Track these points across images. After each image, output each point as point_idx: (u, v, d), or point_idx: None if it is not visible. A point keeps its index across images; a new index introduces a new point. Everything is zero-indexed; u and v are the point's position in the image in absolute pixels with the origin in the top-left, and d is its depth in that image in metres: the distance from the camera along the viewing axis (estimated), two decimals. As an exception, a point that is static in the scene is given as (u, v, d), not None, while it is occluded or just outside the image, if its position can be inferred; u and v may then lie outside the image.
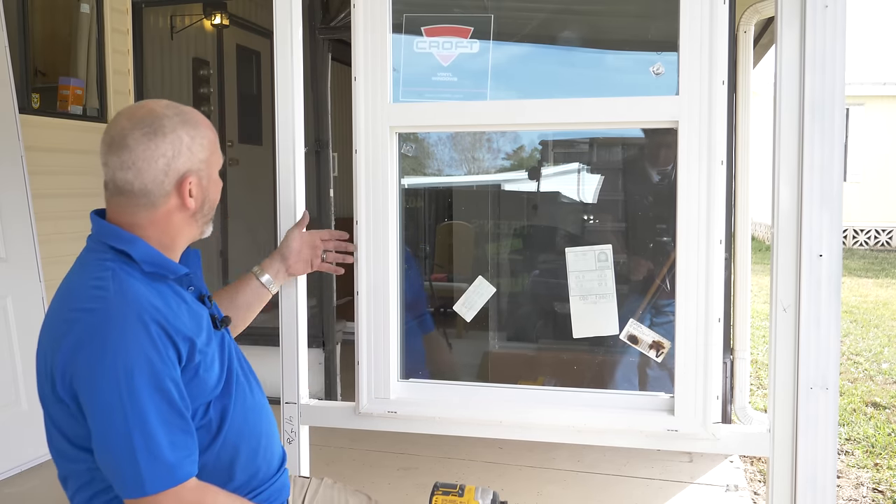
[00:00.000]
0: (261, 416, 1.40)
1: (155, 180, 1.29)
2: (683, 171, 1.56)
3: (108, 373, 1.16)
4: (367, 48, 1.69)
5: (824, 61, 1.47)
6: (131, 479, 1.16)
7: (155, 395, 1.18)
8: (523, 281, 2.81)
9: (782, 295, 1.54)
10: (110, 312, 1.19)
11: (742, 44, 3.79)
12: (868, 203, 13.54)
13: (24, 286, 3.32)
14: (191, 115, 1.34)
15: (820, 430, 1.51)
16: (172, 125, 1.30)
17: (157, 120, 1.29)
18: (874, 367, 5.35)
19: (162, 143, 1.28)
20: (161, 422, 1.18)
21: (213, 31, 6.06)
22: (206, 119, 1.38)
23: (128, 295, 1.21)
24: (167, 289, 1.30)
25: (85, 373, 1.18)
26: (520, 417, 1.68)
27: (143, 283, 1.26)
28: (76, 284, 1.26)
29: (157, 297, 1.25)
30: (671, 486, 3.01)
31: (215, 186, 1.38)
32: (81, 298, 1.22)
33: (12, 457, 3.15)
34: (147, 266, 1.27)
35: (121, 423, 1.16)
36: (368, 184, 1.71)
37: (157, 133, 1.28)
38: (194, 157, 1.32)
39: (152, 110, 1.30)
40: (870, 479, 3.40)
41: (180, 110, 1.34)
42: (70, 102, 4.02)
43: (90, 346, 1.18)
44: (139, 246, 1.29)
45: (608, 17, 2.13)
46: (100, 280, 1.23)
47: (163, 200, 1.30)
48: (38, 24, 4.13)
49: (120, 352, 1.17)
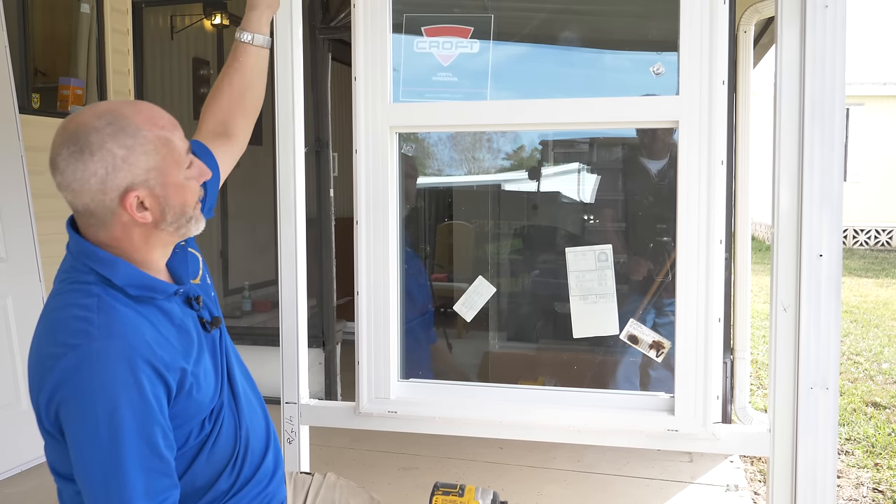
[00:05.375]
0: (253, 419, 1.39)
1: (94, 200, 1.18)
2: (683, 170, 1.56)
3: (90, 416, 1.11)
4: (367, 48, 1.69)
5: (824, 61, 1.47)
6: None
7: (138, 441, 1.13)
8: (523, 281, 2.81)
9: (782, 295, 1.54)
10: (95, 351, 1.13)
11: (742, 44, 3.79)
12: (868, 203, 13.53)
13: (24, 286, 3.32)
14: (129, 119, 1.18)
15: (820, 430, 1.51)
16: (101, 139, 1.16)
17: (85, 136, 1.16)
18: (874, 367, 5.35)
19: (90, 161, 1.15)
20: (141, 468, 1.14)
21: (213, 31, 6.06)
22: (156, 117, 1.22)
23: (113, 330, 1.15)
24: (154, 310, 1.24)
25: (68, 413, 1.13)
26: (520, 417, 1.68)
27: (130, 307, 1.20)
28: (60, 314, 1.19)
29: (145, 325, 1.20)
30: (671, 486, 3.01)
31: (177, 190, 1.22)
32: (66, 332, 1.16)
33: (12, 457, 3.15)
34: (132, 290, 1.21)
35: (99, 468, 1.12)
36: (368, 184, 1.71)
37: (84, 151, 1.15)
38: (135, 167, 1.17)
39: (82, 123, 1.17)
40: (870, 479, 3.40)
41: (115, 117, 1.18)
42: (70, 102, 4.02)
43: (74, 386, 1.13)
44: (120, 270, 1.21)
45: (608, 17, 2.13)
46: (85, 310, 1.16)
47: (112, 219, 1.20)
48: (38, 24, 4.13)
49: (104, 395, 1.12)
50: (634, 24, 2.00)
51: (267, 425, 1.43)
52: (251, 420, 1.38)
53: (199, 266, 1.43)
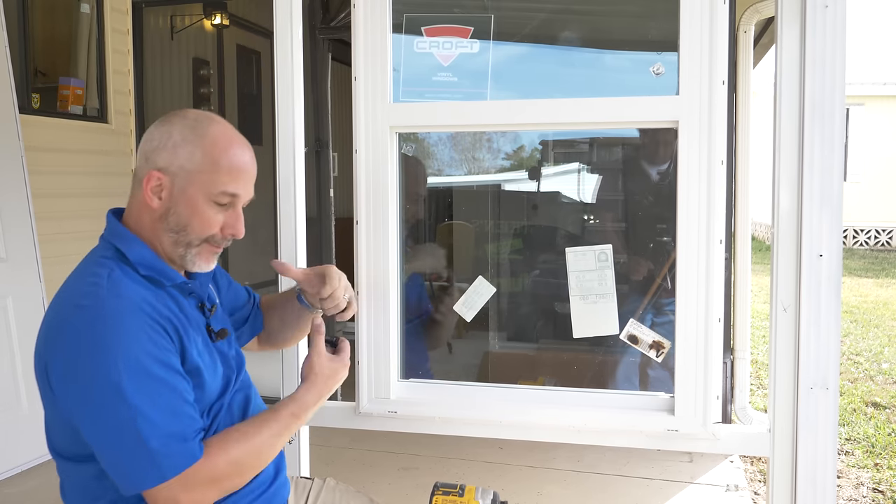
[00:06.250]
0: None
1: (139, 161, 1.31)
2: (683, 171, 1.56)
3: (103, 369, 1.14)
4: (367, 48, 1.69)
5: (824, 61, 1.47)
6: (145, 470, 1.14)
7: (152, 381, 1.16)
8: (523, 281, 2.81)
9: (782, 295, 1.54)
10: (103, 308, 1.17)
11: (742, 44, 3.79)
12: (868, 203, 13.53)
13: (24, 286, 3.32)
14: (207, 129, 1.28)
15: (820, 430, 1.51)
16: (176, 121, 1.29)
17: (174, 115, 1.30)
18: (874, 367, 5.35)
19: (156, 130, 1.29)
20: (164, 407, 1.16)
21: (213, 31, 6.06)
22: (233, 147, 1.29)
23: (121, 292, 1.20)
24: (163, 293, 1.28)
25: (77, 370, 1.16)
26: (520, 417, 1.68)
27: (139, 283, 1.25)
28: (73, 281, 1.26)
29: (150, 296, 1.24)
30: (671, 486, 3.01)
31: (190, 205, 1.27)
32: (76, 294, 1.22)
33: (12, 457, 3.15)
34: (143, 269, 1.26)
35: (123, 418, 1.13)
36: (368, 184, 1.71)
37: (163, 122, 1.30)
38: (175, 157, 1.26)
39: (187, 110, 1.33)
40: (870, 479, 3.40)
41: (204, 119, 1.30)
42: (70, 102, 4.02)
43: (84, 341, 1.16)
44: (135, 247, 1.27)
45: (608, 17, 2.13)
46: (95, 276, 1.22)
47: (137, 189, 1.30)
48: (38, 24, 4.13)
49: (111, 348, 1.15)
50: (634, 24, 2.00)
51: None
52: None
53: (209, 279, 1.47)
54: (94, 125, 4.17)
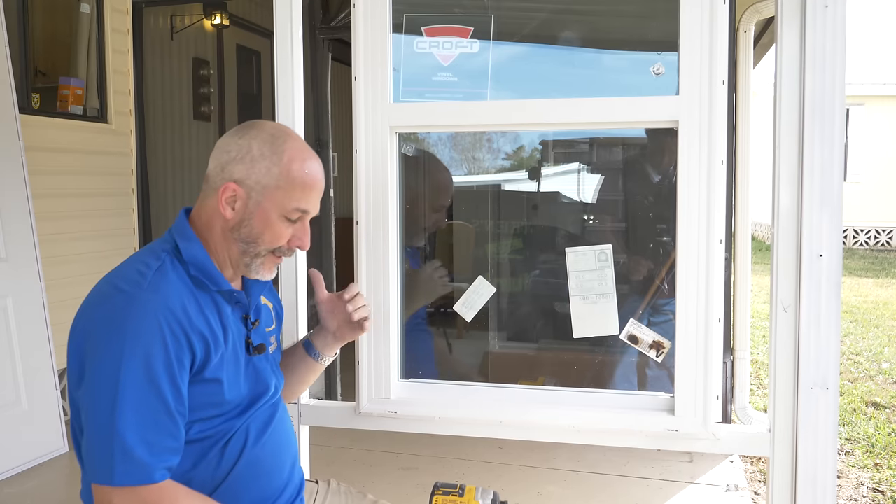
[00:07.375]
0: (281, 449, 1.41)
1: (214, 169, 1.33)
2: (683, 171, 1.56)
3: (115, 354, 1.17)
4: (367, 48, 1.69)
5: (824, 61, 1.47)
6: (101, 465, 1.16)
7: (149, 390, 1.17)
8: (523, 281, 2.81)
9: (782, 295, 1.54)
10: (138, 299, 1.20)
11: (742, 44, 3.79)
12: (868, 203, 13.54)
13: (24, 286, 3.32)
14: (285, 144, 1.32)
15: (820, 430, 1.51)
16: (255, 135, 1.32)
17: (252, 128, 1.33)
18: (874, 367, 5.35)
19: (234, 141, 1.32)
20: (149, 418, 1.17)
21: (213, 31, 6.06)
22: (307, 163, 1.33)
23: (160, 287, 1.23)
24: (207, 297, 1.30)
25: (96, 345, 1.19)
26: (520, 417, 1.68)
27: (185, 284, 1.27)
28: (125, 265, 1.29)
29: (191, 300, 1.26)
30: (671, 486, 3.02)
31: (263, 218, 1.32)
32: (121, 278, 1.25)
33: (12, 457, 3.15)
34: (193, 269, 1.29)
35: (108, 406, 1.15)
36: (368, 184, 1.71)
37: (242, 133, 1.33)
38: (252, 171, 1.30)
39: (263, 122, 1.36)
40: (870, 479, 3.40)
41: (281, 133, 1.33)
42: (70, 102, 4.02)
43: (109, 323, 1.19)
44: (192, 245, 1.30)
45: (608, 18, 2.13)
46: (145, 266, 1.25)
47: (211, 196, 1.33)
48: (38, 24, 4.13)
49: (132, 340, 1.17)
50: (634, 24, 2.00)
51: (292, 467, 1.46)
52: (278, 449, 1.41)
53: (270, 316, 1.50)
54: (94, 125, 4.17)
